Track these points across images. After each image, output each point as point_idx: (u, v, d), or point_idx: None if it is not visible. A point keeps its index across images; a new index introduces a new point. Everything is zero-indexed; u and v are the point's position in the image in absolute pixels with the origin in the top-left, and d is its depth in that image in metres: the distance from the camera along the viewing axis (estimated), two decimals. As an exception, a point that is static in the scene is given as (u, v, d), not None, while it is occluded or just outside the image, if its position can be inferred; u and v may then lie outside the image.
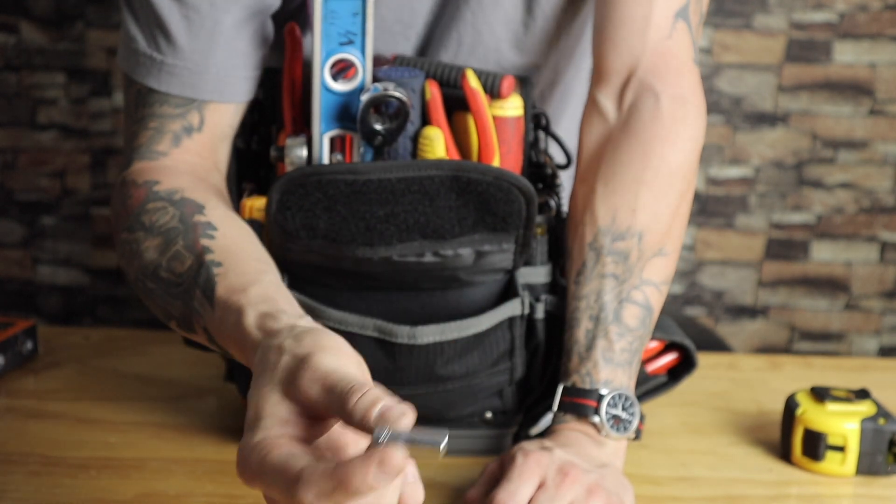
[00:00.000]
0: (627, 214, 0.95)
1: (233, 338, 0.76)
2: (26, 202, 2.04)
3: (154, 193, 0.90)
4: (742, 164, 2.07)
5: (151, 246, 0.87)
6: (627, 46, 0.99)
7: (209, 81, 0.95)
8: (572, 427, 0.92)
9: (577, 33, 1.12)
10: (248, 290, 0.77)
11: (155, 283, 0.86)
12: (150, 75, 0.95)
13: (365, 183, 0.89)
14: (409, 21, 1.04)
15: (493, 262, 0.94)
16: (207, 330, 0.81)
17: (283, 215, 0.89)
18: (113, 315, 2.09)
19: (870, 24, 2.02)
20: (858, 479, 0.98)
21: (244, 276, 0.80)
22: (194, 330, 0.83)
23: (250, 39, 0.97)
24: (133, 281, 0.90)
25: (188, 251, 0.84)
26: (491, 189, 0.90)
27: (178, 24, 0.94)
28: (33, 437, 1.01)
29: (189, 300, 0.82)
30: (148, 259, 0.87)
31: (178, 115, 0.96)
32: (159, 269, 0.86)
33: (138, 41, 0.96)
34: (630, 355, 0.94)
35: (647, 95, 0.98)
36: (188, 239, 0.85)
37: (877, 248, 2.11)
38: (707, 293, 2.12)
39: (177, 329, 0.87)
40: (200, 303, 0.81)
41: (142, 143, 0.96)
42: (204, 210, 0.88)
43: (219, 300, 0.79)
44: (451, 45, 1.06)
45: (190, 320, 0.83)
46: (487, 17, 1.05)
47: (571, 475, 0.84)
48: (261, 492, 0.66)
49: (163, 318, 0.88)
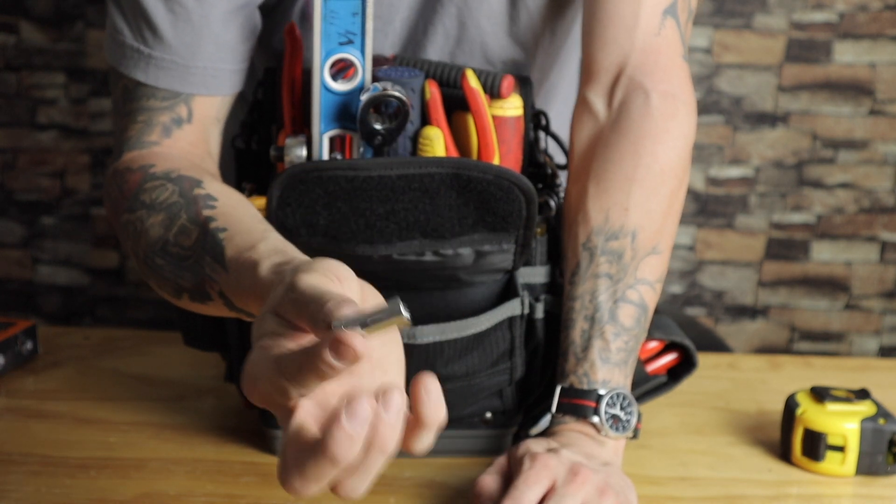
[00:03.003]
0: (620, 213, 0.95)
1: (250, 293, 0.75)
2: (26, 202, 2.04)
3: (151, 175, 0.90)
4: (742, 164, 2.07)
5: (156, 223, 0.87)
6: (616, 44, 0.99)
7: (196, 75, 0.95)
8: (572, 428, 0.92)
9: (564, 31, 1.12)
10: (256, 247, 0.77)
11: (164, 258, 0.86)
12: (137, 68, 0.96)
13: (365, 179, 0.89)
14: (388, 16, 1.04)
15: (494, 263, 0.94)
16: (224, 294, 0.80)
17: (283, 212, 0.90)
18: (113, 315, 2.09)
19: (870, 24, 2.02)
20: (858, 479, 0.98)
21: (250, 235, 0.80)
22: (210, 297, 0.83)
23: (237, 32, 0.97)
24: (142, 259, 0.89)
25: (192, 223, 0.84)
26: (491, 188, 0.90)
27: (163, 17, 0.94)
28: (33, 437, 1.01)
29: (200, 269, 0.82)
30: (154, 236, 0.86)
31: (165, 107, 0.96)
32: (168, 245, 0.85)
33: (124, 34, 0.96)
34: (626, 354, 0.94)
35: (636, 93, 0.98)
36: (191, 211, 0.85)
37: (877, 248, 2.11)
38: (707, 293, 2.12)
39: (189, 304, 0.86)
40: (212, 268, 0.81)
41: (132, 136, 0.96)
42: (202, 184, 0.88)
43: (230, 261, 0.79)
44: (437, 40, 1.06)
45: (203, 289, 0.83)
46: (472, 11, 1.05)
47: (581, 475, 0.84)
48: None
49: (173, 295, 0.87)
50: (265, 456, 0.99)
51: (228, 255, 0.79)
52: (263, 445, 1.00)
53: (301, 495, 0.63)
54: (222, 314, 0.84)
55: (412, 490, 0.94)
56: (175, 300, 0.88)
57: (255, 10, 0.99)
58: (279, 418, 0.65)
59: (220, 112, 0.99)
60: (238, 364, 1.00)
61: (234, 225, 0.82)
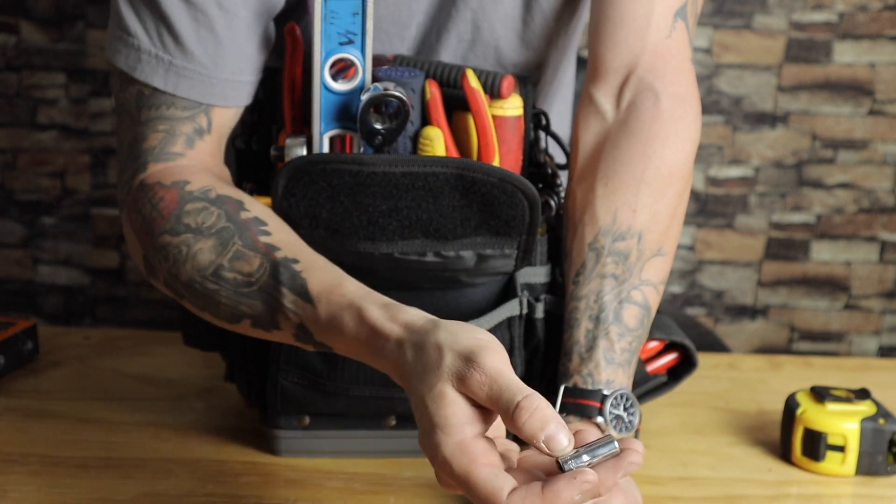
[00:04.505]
0: (628, 214, 0.95)
1: (354, 334, 0.79)
2: (26, 202, 2.04)
3: (188, 193, 0.90)
4: (742, 164, 2.07)
5: (206, 248, 0.87)
6: (627, 45, 0.99)
7: (218, 85, 0.94)
8: (575, 428, 0.92)
9: (572, 32, 1.12)
10: (343, 285, 0.81)
11: (217, 283, 0.86)
12: (155, 75, 0.94)
13: (369, 175, 0.89)
14: (405, 21, 1.04)
15: (495, 266, 0.93)
16: (305, 327, 0.83)
17: (287, 202, 0.90)
18: (113, 315, 2.09)
19: (870, 24, 2.02)
20: (858, 479, 0.98)
21: (328, 272, 0.83)
22: (278, 327, 0.85)
23: (257, 43, 0.96)
24: (184, 282, 0.88)
25: (251, 250, 0.86)
26: (495, 191, 0.90)
27: (186, 25, 0.92)
28: (33, 437, 1.01)
29: (273, 300, 0.84)
30: (205, 260, 0.87)
31: (187, 117, 0.94)
32: (221, 270, 0.86)
33: (139, 37, 0.93)
34: (630, 355, 0.94)
35: (646, 94, 0.98)
36: (245, 238, 0.86)
37: (877, 248, 2.11)
38: (707, 293, 2.12)
39: (247, 329, 0.88)
40: (293, 301, 0.83)
41: (154, 145, 0.94)
42: (245, 205, 0.89)
43: (318, 296, 0.82)
44: (450, 44, 1.06)
45: (274, 318, 0.85)
46: (488, 15, 1.05)
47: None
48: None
49: (227, 319, 0.88)
50: (265, 456, 0.99)
51: (314, 291, 0.82)
52: (263, 445, 1.00)
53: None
54: (282, 341, 0.87)
55: (412, 490, 0.94)
56: (228, 324, 0.89)
57: (271, 20, 0.98)
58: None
59: (234, 122, 0.98)
60: (238, 364, 1.00)
61: (302, 255, 0.85)
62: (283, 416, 0.97)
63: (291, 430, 0.98)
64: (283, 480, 0.95)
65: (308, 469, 0.97)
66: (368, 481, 0.95)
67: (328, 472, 0.97)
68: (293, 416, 0.97)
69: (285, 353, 0.94)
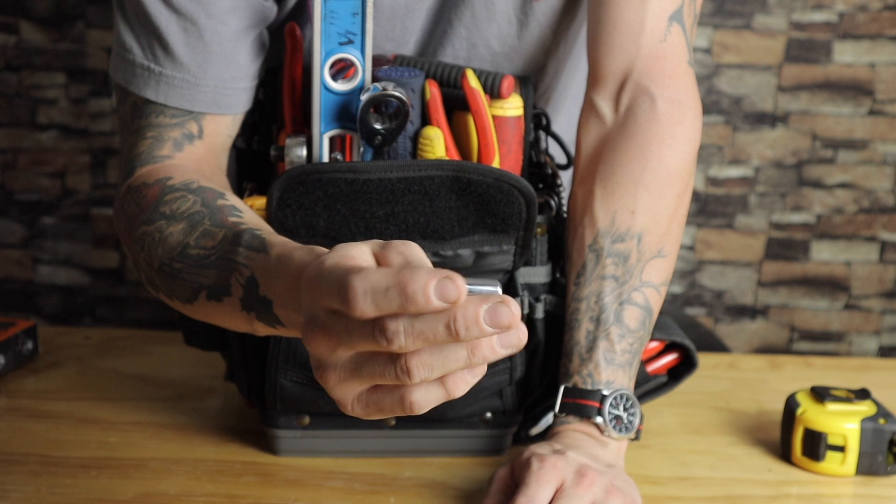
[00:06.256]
0: (626, 216, 0.95)
1: (297, 264, 0.70)
2: (26, 202, 2.04)
3: (169, 186, 0.90)
4: (742, 164, 2.07)
5: (176, 230, 0.85)
6: (622, 50, 0.99)
7: (207, 94, 0.95)
8: (575, 428, 0.92)
9: (573, 35, 1.12)
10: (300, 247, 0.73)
11: (182, 261, 0.84)
12: (147, 87, 0.95)
13: (365, 182, 0.89)
14: (401, 40, 1.04)
15: (493, 263, 0.94)
16: (254, 277, 0.76)
17: (283, 213, 0.90)
18: (113, 315, 2.09)
19: (869, 24, 2.02)
20: (858, 479, 0.98)
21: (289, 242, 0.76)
22: (229, 293, 0.79)
23: (248, 51, 0.96)
24: (156, 269, 0.86)
25: (217, 227, 0.83)
26: (491, 190, 0.90)
27: (176, 36, 0.93)
28: (33, 437, 1.01)
29: (229, 262, 0.79)
30: (174, 242, 0.85)
31: (175, 124, 0.95)
32: (188, 248, 0.84)
33: (134, 52, 0.95)
34: (630, 356, 0.94)
35: (643, 98, 0.98)
36: (215, 219, 0.84)
37: (877, 248, 2.11)
38: (707, 293, 2.12)
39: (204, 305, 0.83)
40: (246, 256, 0.77)
41: (142, 151, 0.95)
42: (225, 196, 0.88)
43: (275, 243, 0.75)
44: (446, 59, 1.06)
45: (227, 282, 0.79)
46: (482, 32, 1.05)
47: (589, 477, 0.84)
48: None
49: (186, 298, 0.84)
50: (265, 456, 0.99)
51: (271, 240, 0.76)
52: (263, 445, 1.00)
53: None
54: (228, 318, 0.81)
55: (412, 490, 0.94)
56: (186, 305, 0.85)
57: (264, 28, 0.99)
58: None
59: (232, 130, 0.98)
60: (238, 364, 1.00)
61: (267, 229, 0.80)
62: (283, 416, 0.97)
63: (291, 430, 0.98)
64: (282, 480, 0.95)
65: (308, 469, 0.97)
66: (368, 481, 0.95)
67: (328, 472, 0.97)
68: (293, 416, 0.97)
69: (284, 350, 0.94)
